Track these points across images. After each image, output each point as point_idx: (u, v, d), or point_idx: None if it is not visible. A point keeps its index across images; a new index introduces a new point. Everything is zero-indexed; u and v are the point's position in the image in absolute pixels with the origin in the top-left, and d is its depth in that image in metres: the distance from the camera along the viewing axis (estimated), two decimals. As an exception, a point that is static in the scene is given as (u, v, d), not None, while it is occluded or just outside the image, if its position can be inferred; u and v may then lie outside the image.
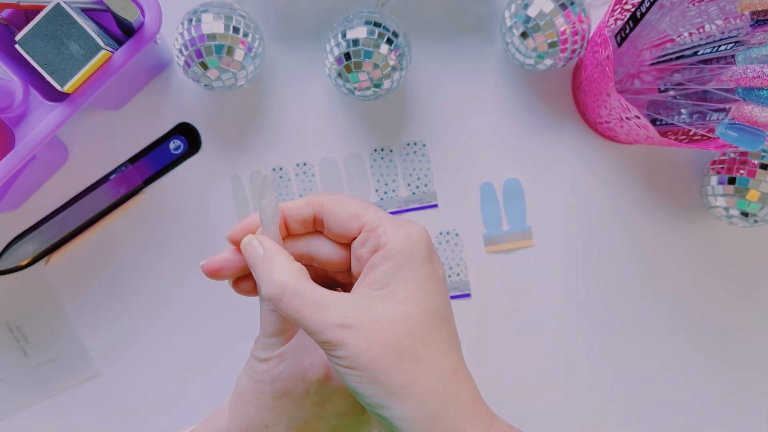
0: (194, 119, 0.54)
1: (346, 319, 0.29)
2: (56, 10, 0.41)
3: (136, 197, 0.54)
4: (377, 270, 0.31)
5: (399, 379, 0.29)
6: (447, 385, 0.30)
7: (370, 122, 0.54)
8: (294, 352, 0.34)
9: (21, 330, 0.54)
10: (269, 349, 0.34)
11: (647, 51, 0.50)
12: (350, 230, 0.33)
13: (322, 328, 0.29)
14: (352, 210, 0.33)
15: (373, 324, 0.29)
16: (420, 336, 0.30)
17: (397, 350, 0.29)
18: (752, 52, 0.39)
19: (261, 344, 0.34)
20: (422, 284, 0.31)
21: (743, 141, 0.39)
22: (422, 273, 0.31)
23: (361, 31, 0.47)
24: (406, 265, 0.31)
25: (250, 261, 0.33)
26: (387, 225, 0.32)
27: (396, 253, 0.31)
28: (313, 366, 0.33)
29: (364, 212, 0.32)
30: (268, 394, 0.34)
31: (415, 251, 0.31)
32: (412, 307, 0.30)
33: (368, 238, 0.32)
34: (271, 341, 0.34)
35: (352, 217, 0.33)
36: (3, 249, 0.53)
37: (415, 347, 0.30)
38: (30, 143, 0.44)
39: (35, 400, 0.54)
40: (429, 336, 0.30)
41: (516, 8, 0.48)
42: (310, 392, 0.33)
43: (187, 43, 0.47)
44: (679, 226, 0.54)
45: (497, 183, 0.54)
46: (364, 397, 0.29)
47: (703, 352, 0.54)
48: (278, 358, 0.34)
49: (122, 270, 0.54)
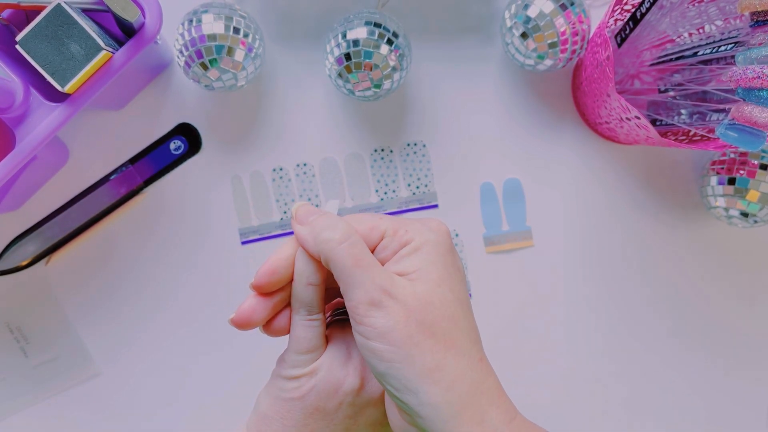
0: (195, 120, 0.54)
1: (393, 287, 0.30)
2: (57, 11, 0.41)
3: (136, 197, 0.54)
4: (406, 259, 0.31)
5: (430, 360, 0.29)
6: (475, 372, 0.30)
7: (370, 123, 0.54)
8: (328, 366, 0.33)
9: (21, 330, 0.54)
10: (300, 366, 0.34)
11: (647, 51, 0.50)
12: (372, 241, 0.33)
13: (370, 286, 0.29)
14: (368, 224, 0.33)
15: (412, 300, 0.30)
16: (453, 319, 0.30)
17: (433, 329, 0.29)
18: (752, 53, 0.39)
19: (291, 362, 0.34)
20: (451, 271, 0.31)
21: (743, 141, 0.39)
22: (449, 260, 0.32)
23: (361, 32, 0.47)
24: (434, 252, 0.31)
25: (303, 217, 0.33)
26: (407, 225, 0.33)
27: (422, 244, 0.31)
28: (348, 376, 0.33)
29: (379, 222, 0.33)
30: (299, 412, 0.33)
31: (440, 240, 0.32)
32: (446, 291, 0.31)
33: (391, 241, 0.32)
34: (303, 358, 0.34)
35: (370, 230, 0.33)
36: (3, 249, 0.53)
37: (449, 329, 0.30)
38: (30, 144, 0.44)
39: (35, 400, 0.54)
40: (460, 321, 0.31)
41: (516, 9, 0.48)
42: (343, 405, 0.33)
43: (187, 43, 0.47)
44: (679, 227, 0.54)
45: (497, 183, 0.54)
46: (393, 380, 0.29)
47: (703, 352, 0.54)
48: (310, 374, 0.33)
49: (122, 270, 0.54)
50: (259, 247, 0.54)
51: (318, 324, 0.34)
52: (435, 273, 0.31)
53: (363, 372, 0.34)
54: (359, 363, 0.34)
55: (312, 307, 0.34)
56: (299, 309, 0.34)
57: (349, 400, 0.33)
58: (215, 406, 0.54)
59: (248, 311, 0.34)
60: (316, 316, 0.34)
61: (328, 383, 0.33)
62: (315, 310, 0.34)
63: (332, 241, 0.31)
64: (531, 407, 0.54)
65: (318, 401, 0.33)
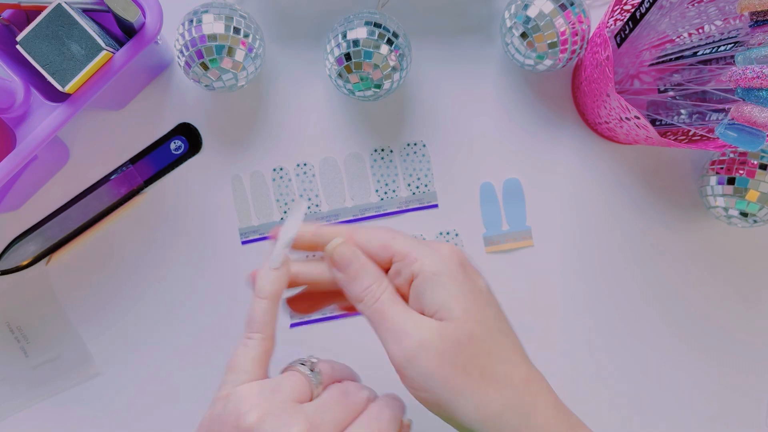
0: (195, 119, 0.54)
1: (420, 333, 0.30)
2: (57, 11, 0.41)
3: (136, 197, 0.54)
4: (424, 296, 0.31)
5: (474, 400, 0.29)
6: (522, 397, 0.30)
7: (370, 123, 0.54)
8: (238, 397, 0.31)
9: (21, 330, 0.54)
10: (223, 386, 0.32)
11: (647, 51, 0.50)
12: (381, 261, 0.33)
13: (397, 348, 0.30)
14: (379, 241, 0.33)
15: (440, 344, 0.30)
16: (487, 352, 0.30)
17: (468, 369, 0.30)
18: (751, 53, 0.39)
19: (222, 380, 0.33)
20: (473, 300, 0.31)
21: (742, 141, 0.39)
22: (468, 288, 0.32)
23: (361, 32, 0.47)
24: (448, 283, 0.31)
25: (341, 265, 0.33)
26: (416, 251, 0.32)
27: (433, 275, 0.31)
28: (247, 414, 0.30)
29: (391, 242, 0.33)
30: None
31: (451, 269, 0.32)
32: (473, 325, 0.31)
33: (401, 267, 0.32)
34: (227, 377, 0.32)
35: (380, 248, 0.33)
36: (4, 249, 0.53)
37: (484, 365, 0.30)
38: (31, 143, 0.44)
39: (35, 400, 0.54)
40: (495, 351, 0.31)
41: (516, 9, 0.48)
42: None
43: (187, 43, 0.47)
44: (679, 227, 0.54)
45: (497, 183, 0.54)
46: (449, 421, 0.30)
47: (702, 351, 0.54)
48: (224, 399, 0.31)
49: (123, 270, 0.54)
50: (260, 247, 0.54)
51: (251, 345, 0.32)
52: (457, 308, 0.31)
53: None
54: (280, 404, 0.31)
55: (252, 323, 0.33)
56: (246, 322, 0.33)
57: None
58: (215, 406, 0.54)
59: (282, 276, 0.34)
60: (253, 335, 0.33)
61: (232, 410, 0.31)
62: (257, 328, 0.33)
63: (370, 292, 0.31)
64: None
65: (218, 429, 0.31)
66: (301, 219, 0.35)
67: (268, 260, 0.34)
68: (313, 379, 0.33)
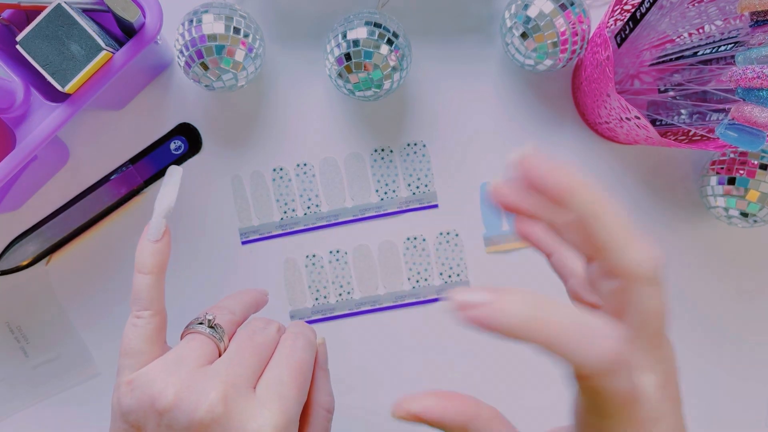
0: (195, 119, 0.54)
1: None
2: (57, 11, 0.41)
3: (136, 197, 0.54)
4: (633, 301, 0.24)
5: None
6: None
7: (370, 123, 0.54)
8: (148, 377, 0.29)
9: (21, 330, 0.54)
10: (123, 370, 0.30)
11: (647, 51, 0.50)
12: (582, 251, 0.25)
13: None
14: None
15: None
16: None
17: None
18: (752, 53, 0.39)
19: (119, 364, 0.31)
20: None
21: (743, 141, 0.39)
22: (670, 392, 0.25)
23: (361, 32, 0.47)
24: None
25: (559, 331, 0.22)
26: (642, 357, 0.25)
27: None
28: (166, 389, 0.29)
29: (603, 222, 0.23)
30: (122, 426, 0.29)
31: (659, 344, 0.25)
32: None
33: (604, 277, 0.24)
34: (127, 362, 0.30)
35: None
36: (4, 249, 0.53)
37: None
38: (31, 144, 0.44)
39: (35, 400, 0.54)
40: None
41: (516, 9, 0.48)
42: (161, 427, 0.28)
43: (187, 43, 0.47)
44: (679, 227, 0.54)
45: (497, 183, 0.54)
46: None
47: (702, 351, 0.54)
48: (127, 386, 0.29)
49: (123, 270, 0.54)
50: (260, 247, 0.54)
51: (142, 324, 0.31)
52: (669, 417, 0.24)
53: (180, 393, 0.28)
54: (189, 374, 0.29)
55: (139, 300, 0.31)
56: (131, 302, 0.31)
57: (166, 422, 0.28)
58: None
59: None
60: (142, 313, 0.31)
61: (144, 396, 0.29)
62: (142, 305, 0.31)
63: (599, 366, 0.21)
64: (532, 407, 0.54)
65: (137, 418, 0.29)
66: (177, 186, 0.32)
67: (146, 233, 0.32)
68: (215, 335, 0.31)
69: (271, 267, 0.54)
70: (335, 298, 0.54)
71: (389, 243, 0.54)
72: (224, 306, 0.34)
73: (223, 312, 0.33)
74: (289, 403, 0.30)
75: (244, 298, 0.36)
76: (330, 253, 0.54)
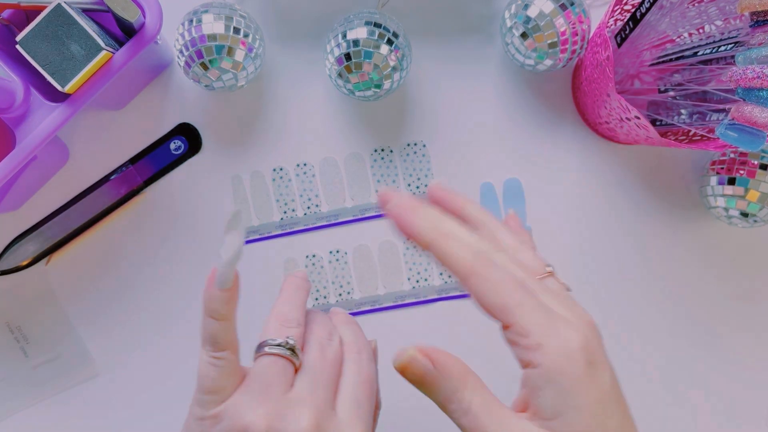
0: (195, 119, 0.54)
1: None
2: (57, 11, 0.41)
3: (136, 197, 0.54)
4: (541, 397, 0.28)
5: None
6: None
7: (370, 122, 0.54)
8: (234, 409, 0.30)
9: (21, 330, 0.54)
10: (205, 406, 0.31)
11: (647, 51, 0.50)
12: (494, 317, 0.29)
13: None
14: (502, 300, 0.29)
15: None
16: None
17: None
18: (752, 53, 0.39)
19: (196, 400, 0.31)
20: (595, 412, 0.27)
21: (743, 141, 0.39)
22: (590, 397, 0.27)
23: (361, 32, 0.47)
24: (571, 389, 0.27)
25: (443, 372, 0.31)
26: (539, 333, 0.28)
27: (555, 375, 0.27)
28: (253, 424, 0.29)
29: (515, 309, 0.28)
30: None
31: (577, 370, 0.27)
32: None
33: (517, 344, 0.28)
34: (207, 398, 0.31)
35: (500, 309, 0.29)
36: (3, 249, 0.53)
37: None
38: (31, 143, 0.44)
39: (35, 400, 0.54)
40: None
41: (516, 9, 0.48)
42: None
43: (187, 43, 0.47)
44: (679, 227, 0.54)
45: (497, 183, 0.54)
46: None
47: (702, 351, 0.54)
48: (213, 419, 0.31)
49: (123, 270, 0.54)
50: (260, 247, 0.54)
51: (223, 364, 0.31)
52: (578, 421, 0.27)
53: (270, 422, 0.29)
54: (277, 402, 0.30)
55: (217, 343, 0.32)
56: (204, 343, 0.32)
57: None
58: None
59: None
60: (221, 354, 0.31)
61: (234, 430, 0.30)
62: (221, 346, 0.32)
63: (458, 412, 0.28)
64: (531, 407, 0.54)
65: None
66: (244, 231, 0.33)
67: (213, 278, 0.33)
68: (294, 357, 0.31)
69: (271, 267, 0.54)
70: (335, 298, 0.54)
71: (389, 243, 0.54)
72: (289, 318, 0.34)
73: (291, 325, 0.33)
74: (367, 421, 0.31)
75: (300, 299, 0.36)
76: (330, 253, 0.54)
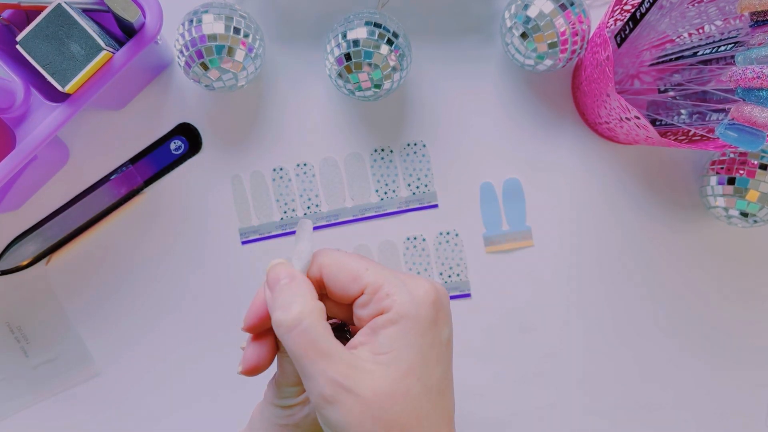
0: (195, 119, 0.54)
1: (347, 380, 0.28)
2: (57, 11, 0.41)
3: (136, 197, 0.54)
4: (381, 334, 0.29)
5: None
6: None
7: (370, 122, 0.54)
8: None
9: (21, 330, 0.54)
10: (291, 396, 0.33)
11: (647, 52, 0.50)
12: (351, 294, 0.31)
13: (322, 380, 0.28)
14: (350, 272, 0.31)
15: (371, 395, 0.28)
16: (416, 413, 0.29)
17: (389, 426, 0.28)
18: (752, 53, 0.39)
19: (281, 393, 0.33)
20: (425, 353, 0.29)
21: (743, 141, 0.39)
22: (426, 340, 0.30)
23: (361, 32, 0.47)
24: (411, 330, 0.29)
25: (271, 283, 0.31)
26: (390, 286, 0.30)
27: (400, 317, 0.29)
28: None
29: (364, 273, 0.31)
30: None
31: (421, 314, 0.30)
32: (413, 382, 0.29)
33: (370, 300, 0.30)
34: (292, 390, 0.33)
35: (351, 281, 0.31)
36: (4, 249, 0.53)
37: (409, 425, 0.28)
38: (31, 143, 0.44)
39: (35, 400, 0.54)
40: (425, 413, 0.29)
41: (516, 9, 0.48)
42: None
43: (187, 43, 0.47)
44: (679, 227, 0.54)
45: (497, 183, 0.54)
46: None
47: (702, 352, 0.54)
48: (303, 403, 0.33)
49: (122, 270, 0.54)
50: (260, 247, 0.54)
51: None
52: (407, 358, 0.29)
53: None
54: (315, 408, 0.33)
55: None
56: (281, 345, 0.33)
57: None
58: (214, 406, 0.54)
59: (253, 358, 0.33)
60: None
61: None
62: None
63: (281, 327, 0.29)
64: (531, 407, 0.54)
65: (313, 426, 0.33)
66: (312, 240, 0.33)
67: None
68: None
69: (271, 267, 0.54)
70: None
71: (389, 243, 0.54)
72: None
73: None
74: None
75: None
76: (330, 253, 0.54)
